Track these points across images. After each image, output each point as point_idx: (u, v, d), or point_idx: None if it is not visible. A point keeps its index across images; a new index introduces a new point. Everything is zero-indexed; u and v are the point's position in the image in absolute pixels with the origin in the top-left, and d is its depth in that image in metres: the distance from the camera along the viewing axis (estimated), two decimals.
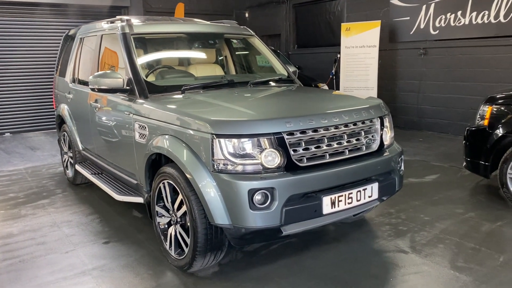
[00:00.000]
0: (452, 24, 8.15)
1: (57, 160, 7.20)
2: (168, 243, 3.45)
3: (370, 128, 3.39)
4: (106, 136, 4.40)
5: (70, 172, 5.76)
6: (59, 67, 6.16)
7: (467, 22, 7.92)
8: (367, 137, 3.36)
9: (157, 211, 3.54)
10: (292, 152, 2.96)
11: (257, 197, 2.83)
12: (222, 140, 2.88)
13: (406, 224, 4.16)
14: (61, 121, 5.93)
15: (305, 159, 3.02)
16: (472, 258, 3.46)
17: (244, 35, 4.95)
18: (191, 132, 3.06)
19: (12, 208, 4.92)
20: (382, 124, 3.48)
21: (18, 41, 9.90)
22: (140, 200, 3.94)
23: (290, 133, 2.96)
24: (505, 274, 3.20)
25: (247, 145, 2.89)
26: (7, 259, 3.66)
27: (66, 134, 5.66)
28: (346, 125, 3.21)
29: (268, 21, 12.39)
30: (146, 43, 4.37)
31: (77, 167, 5.29)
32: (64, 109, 5.59)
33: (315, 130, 3.06)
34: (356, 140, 3.28)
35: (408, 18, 8.87)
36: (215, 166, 2.92)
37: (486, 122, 4.61)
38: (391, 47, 9.30)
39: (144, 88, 3.78)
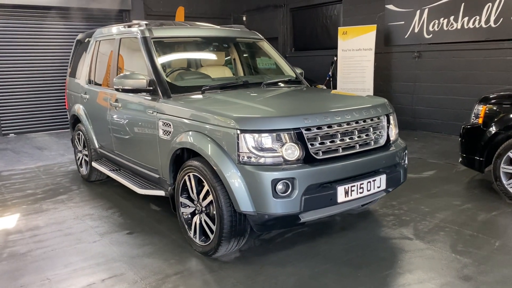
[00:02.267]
0: (445, 28, 8.54)
1: (66, 159, 7.43)
2: (192, 231, 3.72)
3: (378, 124, 3.71)
4: (126, 134, 4.66)
5: (84, 170, 6.00)
6: (72, 68, 6.41)
7: (459, 27, 8.31)
8: (375, 132, 3.68)
9: (181, 202, 3.82)
10: (309, 146, 3.26)
11: (279, 186, 3.13)
12: (246, 135, 3.17)
13: (408, 214, 4.48)
14: (74, 121, 6.18)
15: (321, 152, 3.32)
16: (471, 243, 3.79)
17: (254, 39, 5.26)
18: (217, 128, 3.35)
19: (33, 203, 5.15)
20: (388, 121, 3.80)
21: (21, 44, 10.08)
22: (161, 193, 4.21)
23: (308, 129, 3.27)
24: (501, 257, 3.53)
25: (269, 140, 3.19)
26: (39, 248, 3.91)
27: (81, 133, 5.90)
28: (356, 122, 3.53)
29: (266, 24, 12.71)
30: (164, 46, 4.64)
31: (94, 164, 5.54)
32: (80, 109, 5.84)
33: (329, 126, 3.36)
34: (366, 135, 3.60)
35: (403, 22, 9.25)
36: (240, 159, 3.21)
37: (480, 121, 4.96)
38: (386, 50, 9.67)
39: (166, 89, 4.06)
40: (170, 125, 3.86)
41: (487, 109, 4.93)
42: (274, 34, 12.57)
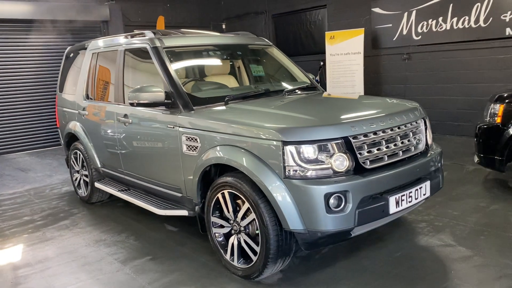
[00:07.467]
0: (434, 29, 8.57)
1: (55, 180, 6.97)
2: (229, 253, 3.44)
3: (417, 129, 3.55)
4: (139, 151, 4.34)
5: (84, 191, 5.58)
6: (62, 84, 6.00)
7: (448, 28, 8.35)
8: (415, 138, 3.52)
9: (213, 222, 3.53)
10: (359, 155, 3.06)
11: (332, 200, 2.90)
12: (292, 146, 2.94)
13: (439, 219, 4.34)
14: (69, 139, 5.77)
15: (368, 161, 3.12)
16: None
17: (264, 45, 5.04)
18: (257, 140, 3.09)
19: (35, 231, 4.72)
20: (425, 125, 3.65)
21: None
22: (184, 213, 3.91)
23: (355, 137, 3.06)
24: None
25: (317, 150, 2.96)
26: (56, 282, 3.52)
27: (78, 151, 5.50)
28: (399, 127, 3.35)
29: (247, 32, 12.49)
30: (176, 56, 4.35)
31: (98, 185, 5.15)
32: (77, 126, 5.44)
33: (375, 133, 3.17)
34: (408, 141, 3.43)
35: (391, 25, 9.24)
36: (286, 172, 2.97)
37: (499, 120, 4.89)
38: (374, 53, 9.64)
39: (187, 101, 3.78)
40: (196, 139, 3.57)
41: (505, 107, 4.87)
42: None
